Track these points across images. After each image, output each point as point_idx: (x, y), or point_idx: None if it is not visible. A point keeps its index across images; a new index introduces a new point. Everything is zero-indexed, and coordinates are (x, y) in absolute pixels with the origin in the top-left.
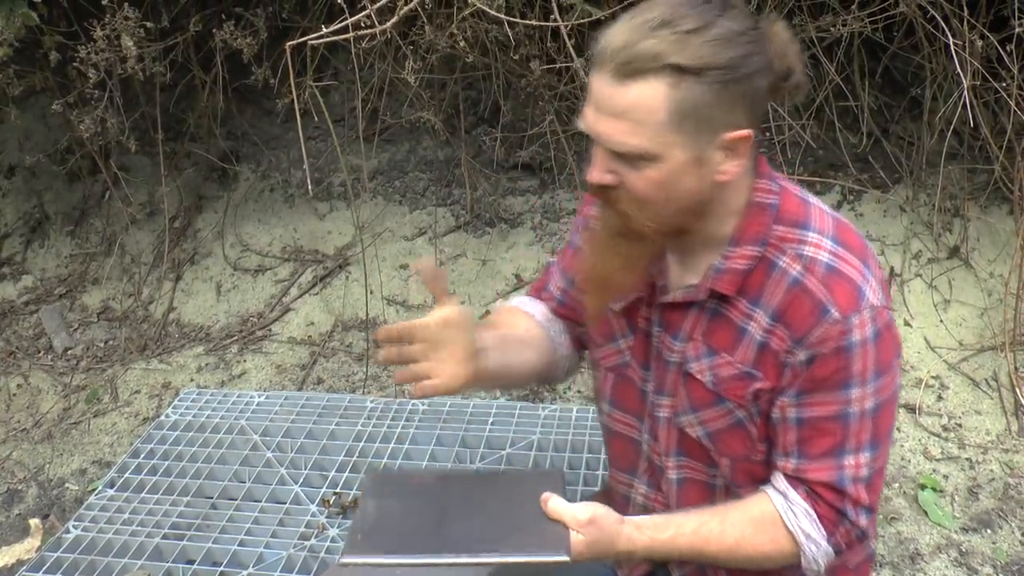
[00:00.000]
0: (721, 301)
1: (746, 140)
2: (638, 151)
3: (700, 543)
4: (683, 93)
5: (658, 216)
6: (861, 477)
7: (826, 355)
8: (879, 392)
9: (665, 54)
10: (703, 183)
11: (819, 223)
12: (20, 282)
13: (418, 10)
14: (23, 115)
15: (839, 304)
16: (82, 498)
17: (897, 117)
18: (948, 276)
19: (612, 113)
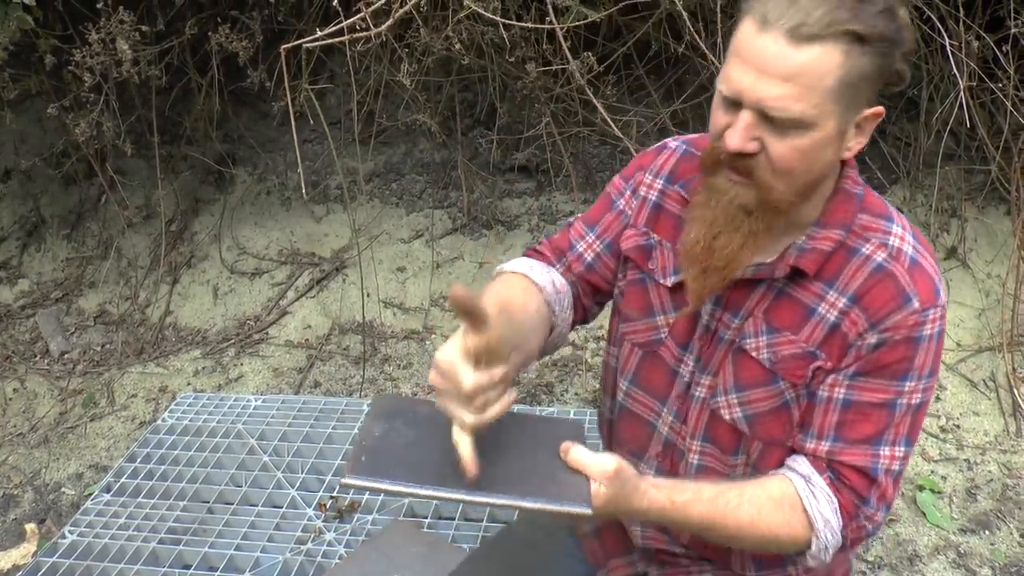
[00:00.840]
0: (790, 281)
1: (877, 118)
2: (799, 117)
3: (716, 514)
4: (854, 61)
5: (793, 187)
6: (893, 470)
7: (897, 342)
8: (927, 391)
9: (843, 20)
10: (834, 158)
11: (900, 220)
12: (16, 286)
13: (413, 13)
14: (18, 119)
15: (920, 295)
16: (78, 503)
17: (894, 118)
18: (946, 277)
19: (780, 76)
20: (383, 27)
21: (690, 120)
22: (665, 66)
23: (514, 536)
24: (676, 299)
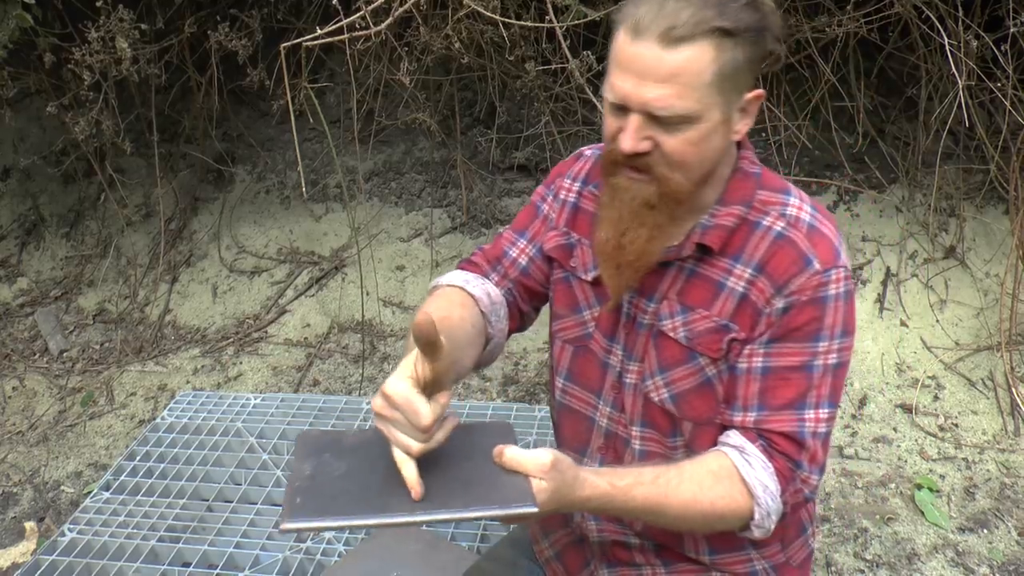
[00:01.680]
0: (699, 261)
1: (759, 99)
2: (684, 114)
3: (658, 494)
4: (726, 54)
5: (690, 177)
6: (819, 432)
7: (804, 303)
8: (842, 351)
9: (709, 19)
10: (725, 143)
11: (798, 194)
12: (15, 284)
13: (413, 11)
14: (18, 117)
15: (820, 257)
16: (77, 501)
17: (893, 117)
18: (944, 276)
19: (659, 79)
20: (383, 26)
21: None
22: None
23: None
24: (598, 293)
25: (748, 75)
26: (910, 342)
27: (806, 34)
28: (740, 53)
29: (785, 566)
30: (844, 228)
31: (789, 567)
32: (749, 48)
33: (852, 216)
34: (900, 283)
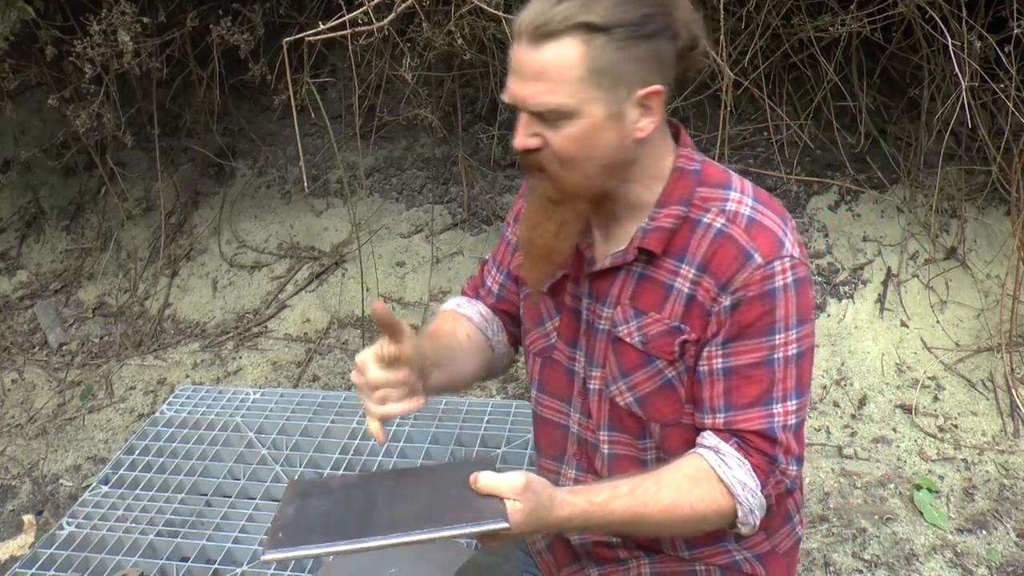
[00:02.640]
0: (647, 264)
1: (658, 95)
2: (558, 108)
3: (637, 505)
4: (596, 50)
5: (584, 174)
6: (790, 425)
7: (751, 299)
8: (801, 340)
9: (575, 15)
10: (623, 140)
11: (739, 186)
12: (15, 277)
13: (416, 7)
14: (19, 109)
15: (761, 250)
16: (76, 494)
17: (895, 118)
18: (945, 277)
19: (531, 76)
20: (385, 21)
21: (691, 117)
22: None
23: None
24: (556, 302)
25: (639, 70)
26: (910, 342)
27: (809, 33)
28: (617, 48)
29: (771, 555)
30: (845, 228)
31: (775, 555)
32: (631, 43)
33: (853, 216)
34: (901, 283)
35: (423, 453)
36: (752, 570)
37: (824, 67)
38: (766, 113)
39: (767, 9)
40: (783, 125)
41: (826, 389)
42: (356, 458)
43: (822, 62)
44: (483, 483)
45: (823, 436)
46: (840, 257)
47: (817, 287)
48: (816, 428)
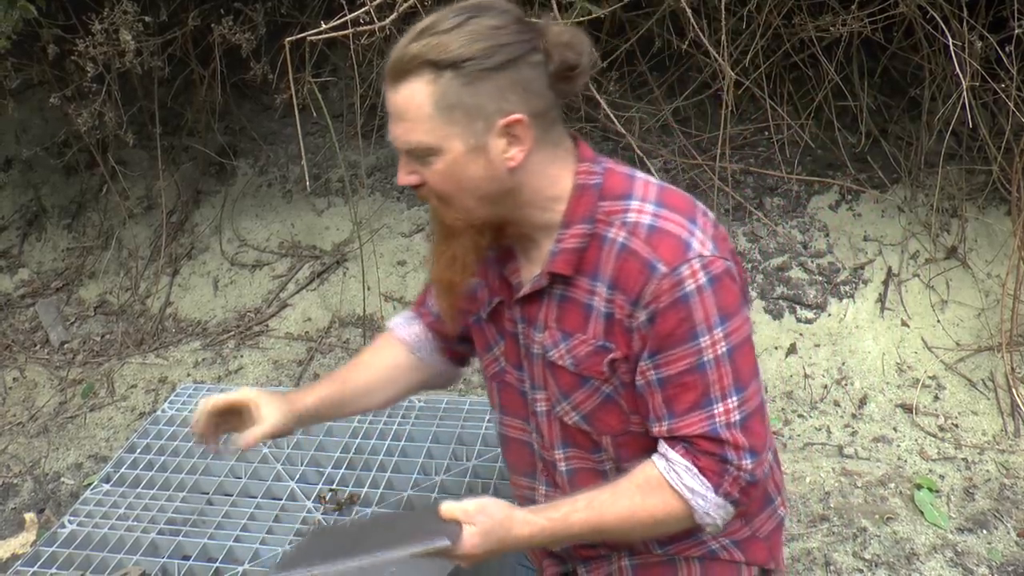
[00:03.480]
0: (566, 285)
1: (520, 124)
2: (420, 146)
3: (595, 517)
4: (443, 86)
5: (462, 207)
6: (734, 421)
7: (664, 309)
8: (729, 336)
9: (423, 54)
10: (493, 171)
11: (642, 192)
12: (16, 275)
13: (417, 6)
14: (20, 108)
15: (664, 258)
16: (77, 493)
17: (896, 117)
18: (945, 276)
19: (395, 116)
20: (387, 21)
21: (692, 117)
22: (668, 62)
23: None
24: (498, 328)
25: (495, 101)
26: (911, 342)
27: (810, 33)
28: (464, 83)
29: (751, 540)
30: (846, 227)
31: (755, 540)
32: (481, 76)
33: (854, 216)
34: (901, 283)
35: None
36: (731, 556)
37: (825, 67)
38: (767, 113)
39: (768, 9)
40: (784, 125)
41: (827, 389)
42: (357, 456)
43: (823, 62)
44: (443, 511)
45: (824, 435)
46: (841, 257)
47: (818, 286)
48: (817, 428)
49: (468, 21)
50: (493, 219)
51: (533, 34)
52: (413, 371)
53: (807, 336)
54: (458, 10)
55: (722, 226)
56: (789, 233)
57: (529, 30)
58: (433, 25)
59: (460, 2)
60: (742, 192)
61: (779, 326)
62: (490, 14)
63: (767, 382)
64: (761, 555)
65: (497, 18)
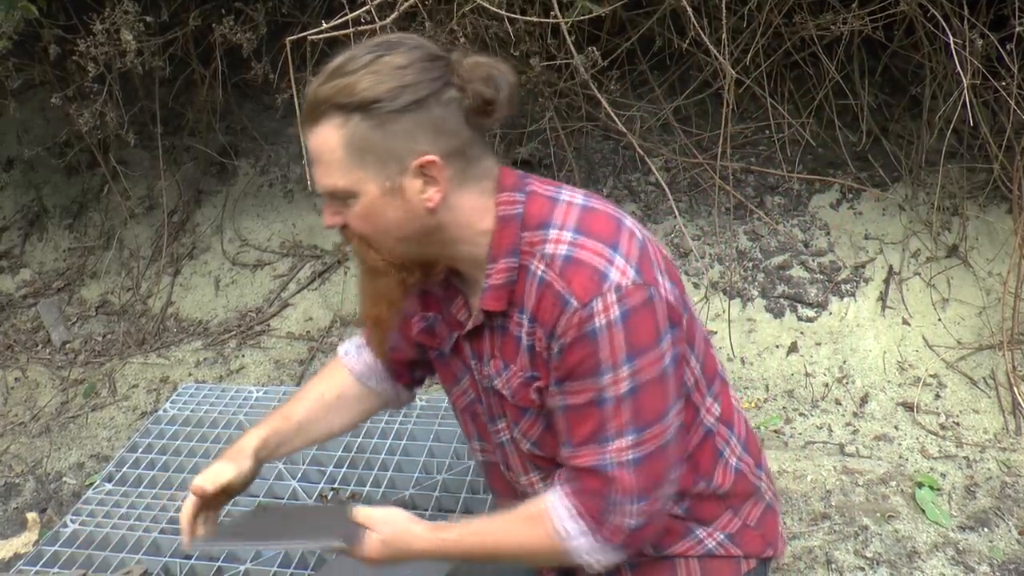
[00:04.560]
0: (504, 316)
1: (434, 165)
2: (336, 190)
3: (485, 543)
4: (352, 129)
5: (384, 248)
6: (626, 460)
7: (572, 343)
8: (636, 374)
9: (331, 97)
10: (412, 212)
11: (561, 218)
12: (18, 275)
13: (418, 6)
14: (22, 108)
15: (576, 292)
16: (79, 492)
17: (897, 116)
18: (947, 275)
19: (312, 158)
20: (388, 20)
21: (693, 116)
22: (669, 61)
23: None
24: (462, 361)
25: (406, 143)
26: (912, 340)
27: (811, 32)
28: (373, 126)
29: (743, 531)
30: (847, 226)
31: (748, 530)
32: (389, 118)
33: (855, 214)
34: (902, 281)
35: (426, 451)
36: (728, 552)
37: (826, 65)
38: (768, 111)
39: (769, 7)
40: (785, 123)
41: (828, 387)
42: (359, 455)
43: (824, 60)
44: (355, 513)
45: (825, 434)
46: (842, 255)
47: (819, 285)
48: (818, 426)
49: (376, 61)
50: (419, 257)
51: (444, 70)
52: (361, 401)
53: (808, 335)
54: (368, 48)
55: (653, 241)
56: (790, 232)
57: (440, 67)
58: (343, 66)
59: (373, 39)
60: (743, 191)
61: (780, 325)
62: (399, 51)
63: (769, 381)
64: (756, 545)
65: (405, 56)
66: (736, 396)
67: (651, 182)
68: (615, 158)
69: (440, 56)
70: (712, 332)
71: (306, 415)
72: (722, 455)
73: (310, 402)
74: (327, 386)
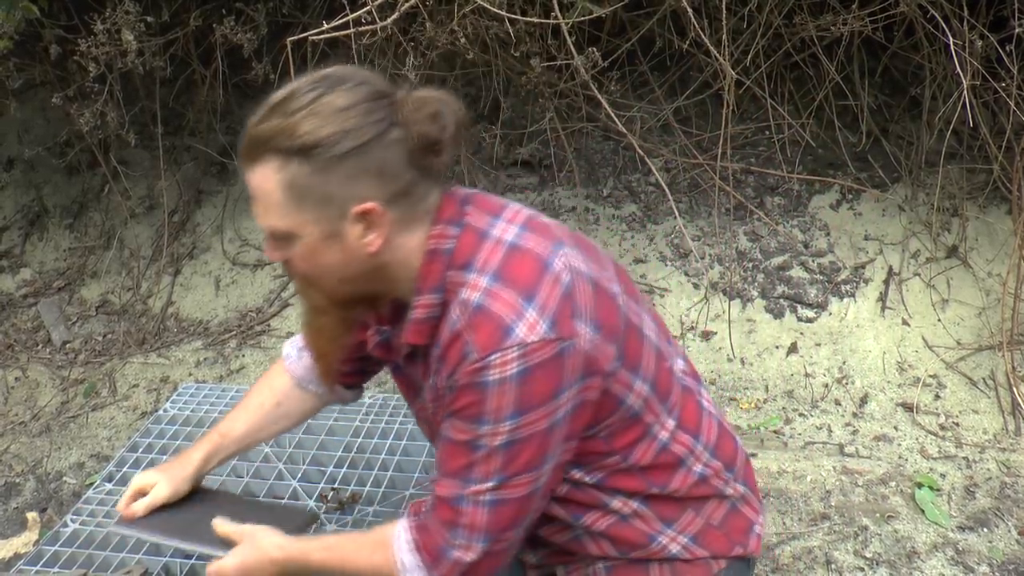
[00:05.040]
0: (429, 347)
1: (372, 213)
2: (275, 231)
3: (331, 558)
4: (291, 174)
5: (324, 288)
6: (483, 501)
7: (462, 388)
8: (516, 430)
9: (271, 138)
10: (353, 256)
11: (483, 260)
12: (18, 275)
13: (419, 6)
14: (23, 108)
15: (478, 345)
16: (80, 492)
17: (896, 116)
18: (946, 275)
19: (253, 196)
20: (388, 21)
21: (693, 116)
22: (669, 62)
23: None
24: (416, 375)
25: (347, 188)
26: (912, 341)
27: (811, 32)
28: (314, 171)
29: (706, 531)
30: (847, 227)
31: (710, 530)
32: (331, 163)
33: (855, 215)
34: (902, 282)
35: (426, 450)
36: (693, 554)
37: (826, 66)
38: (768, 112)
39: (769, 8)
40: (785, 124)
41: (828, 387)
42: (359, 455)
43: (824, 61)
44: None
45: (825, 434)
46: (842, 256)
47: (819, 285)
48: (818, 426)
49: (317, 100)
50: (362, 294)
51: (388, 110)
52: (301, 403)
53: (808, 335)
54: (311, 84)
55: (589, 279)
56: (790, 232)
57: (383, 107)
58: (284, 103)
59: (317, 72)
60: (743, 191)
61: (780, 325)
62: (341, 90)
63: (768, 381)
64: (721, 545)
65: (348, 95)
66: (709, 398)
67: (651, 182)
68: (615, 158)
69: (384, 94)
70: (712, 332)
71: (246, 429)
72: (684, 463)
73: (249, 414)
74: (267, 395)
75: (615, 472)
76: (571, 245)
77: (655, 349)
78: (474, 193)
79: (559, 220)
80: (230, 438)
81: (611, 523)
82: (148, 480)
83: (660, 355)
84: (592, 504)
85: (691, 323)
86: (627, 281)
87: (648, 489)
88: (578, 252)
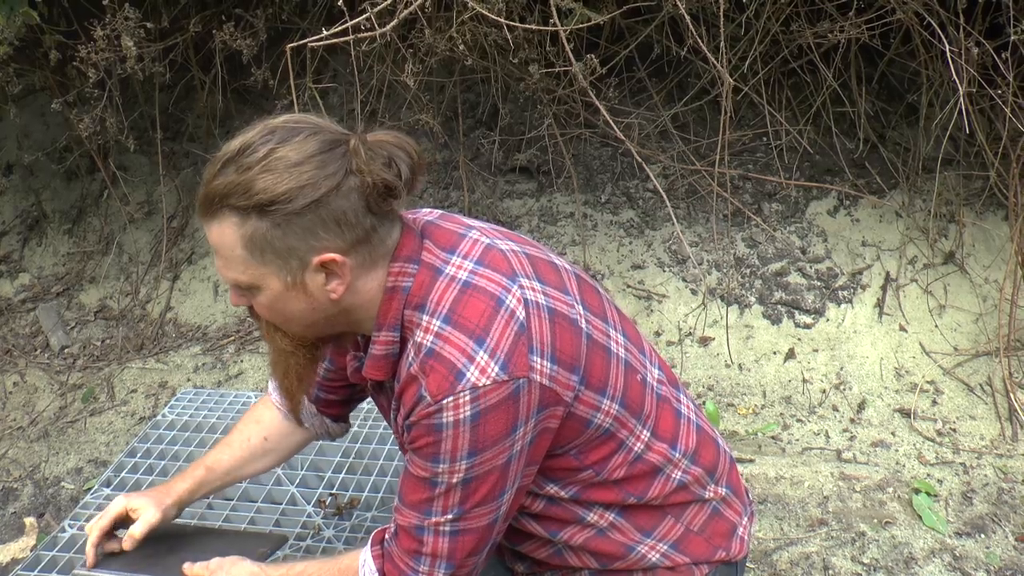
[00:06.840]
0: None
1: (333, 263)
2: (236, 283)
3: None
4: (250, 229)
5: (290, 333)
6: (443, 531)
7: (419, 428)
8: (473, 468)
9: (227, 195)
10: (316, 303)
11: (436, 301)
12: (17, 280)
13: (418, 13)
14: (22, 113)
15: (430, 390)
16: (78, 497)
17: (893, 123)
18: (943, 281)
19: (214, 249)
20: (387, 27)
21: (691, 122)
22: (667, 69)
23: None
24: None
25: (307, 240)
26: (909, 347)
27: (808, 39)
28: (272, 225)
29: (686, 537)
30: (844, 233)
31: (690, 536)
32: (288, 218)
33: (852, 221)
34: (899, 288)
35: None
36: (674, 561)
37: (823, 73)
38: (766, 119)
39: (766, 15)
40: (782, 130)
41: (825, 393)
42: (357, 461)
43: (821, 68)
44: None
45: (822, 440)
46: (839, 262)
47: (816, 291)
48: (815, 432)
49: (271, 155)
50: (326, 336)
51: (342, 160)
52: (288, 437)
53: (805, 341)
54: (263, 136)
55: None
56: (787, 238)
57: (338, 157)
58: (237, 157)
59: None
60: (741, 198)
61: (777, 331)
62: (295, 142)
63: (766, 387)
64: (702, 550)
65: (301, 148)
66: (689, 403)
67: (649, 189)
68: (613, 165)
69: (339, 142)
70: (709, 338)
71: (231, 463)
72: (661, 471)
73: (235, 449)
74: (254, 429)
75: (590, 486)
76: (528, 274)
77: (623, 364)
78: (432, 223)
79: (557, 226)
80: (216, 472)
81: (588, 537)
82: (133, 504)
83: (630, 368)
84: (568, 519)
85: (689, 329)
86: (591, 293)
87: (625, 500)
88: (535, 280)
